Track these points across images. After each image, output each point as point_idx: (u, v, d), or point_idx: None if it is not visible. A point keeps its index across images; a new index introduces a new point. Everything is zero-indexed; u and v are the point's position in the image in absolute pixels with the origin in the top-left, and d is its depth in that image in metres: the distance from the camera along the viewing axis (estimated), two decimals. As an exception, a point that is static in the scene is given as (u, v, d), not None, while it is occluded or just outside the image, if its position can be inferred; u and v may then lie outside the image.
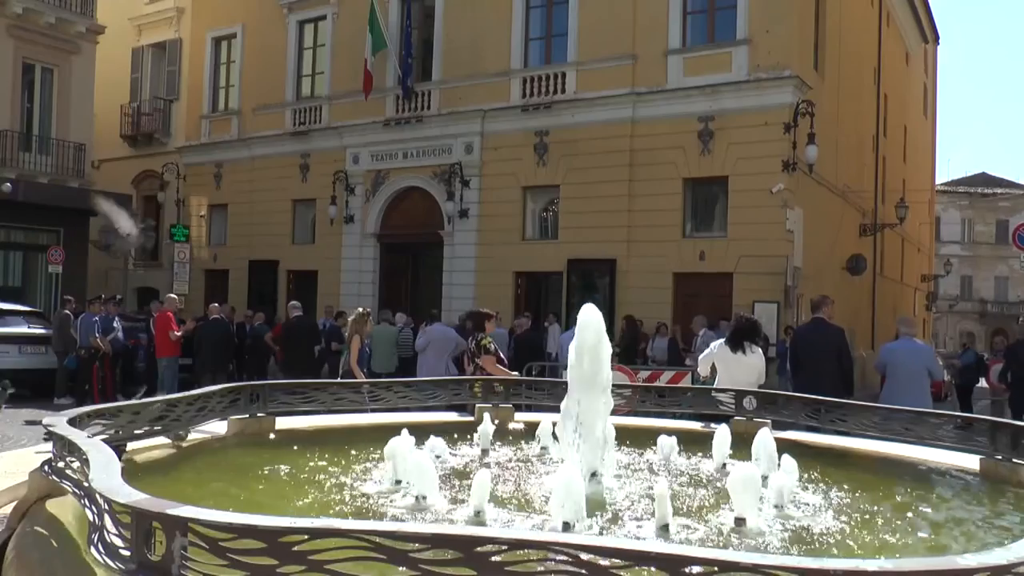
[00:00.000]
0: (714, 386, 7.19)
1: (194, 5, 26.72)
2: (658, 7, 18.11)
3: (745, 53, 17.14)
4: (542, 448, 5.01)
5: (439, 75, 21.20)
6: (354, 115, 22.31)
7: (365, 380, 7.52)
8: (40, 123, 22.73)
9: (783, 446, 4.61)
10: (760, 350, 8.04)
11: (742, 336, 7.82)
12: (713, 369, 7.97)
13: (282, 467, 4.36)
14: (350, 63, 22.29)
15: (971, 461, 4.75)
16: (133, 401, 4.19)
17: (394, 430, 4.21)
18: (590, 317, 4.13)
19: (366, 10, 21.40)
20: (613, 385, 4.40)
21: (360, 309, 10.40)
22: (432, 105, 21.13)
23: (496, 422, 5.34)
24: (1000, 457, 4.51)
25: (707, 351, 8.26)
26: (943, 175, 53.52)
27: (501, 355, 8.63)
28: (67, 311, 15.66)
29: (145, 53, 28.33)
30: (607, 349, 4.18)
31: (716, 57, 17.53)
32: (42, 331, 15.93)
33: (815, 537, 3.37)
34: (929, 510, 4.02)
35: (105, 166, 27.11)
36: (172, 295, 16.86)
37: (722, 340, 8.10)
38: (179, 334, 14.86)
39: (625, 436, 4.88)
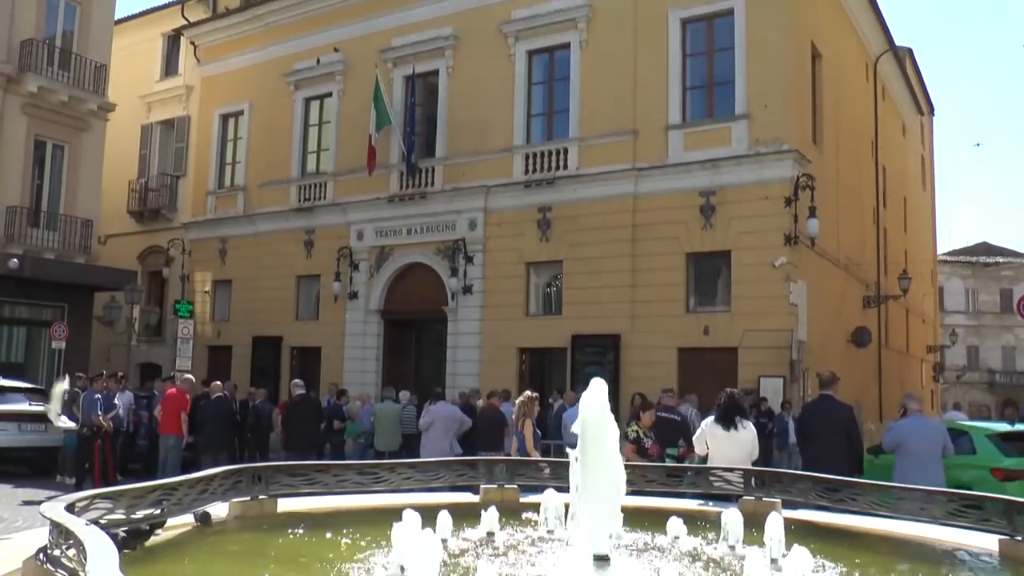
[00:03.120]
0: (710, 465, 7.10)
1: (203, 83, 27.31)
2: (658, 83, 18.46)
3: (744, 128, 17.40)
4: (548, 531, 4.91)
5: (443, 151, 21.51)
6: (358, 191, 22.57)
7: (543, 459, 7.26)
8: (49, 199, 22.99)
9: (794, 526, 4.51)
10: (752, 425, 8.01)
11: (733, 412, 7.79)
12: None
13: (285, 553, 4.27)
14: (355, 140, 22.65)
15: (990, 542, 4.64)
16: (134, 485, 4.13)
17: (398, 512, 4.13)
18: (595, 394, 4.08)
19: (371, 87, 21.84)
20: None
21: (528, 392, 10.81)
22: (436, 181, 21.39)
23: (502, 502, 5.24)
24: (1020, 539, 4.40)
25: (699, 431, 8.19)
26: (944, 245, 53.75)
27: (647, 444, 8.80)
28: (76, 388, 15.57)
29: (154, 130, 28.87)
30: (613, 428, 4.11)
31: (716, 132, 17.79)
32: (43, 408, 15.82)
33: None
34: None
35: (111, 241, 27.33)
36: (188, 375, 16.79)
37: (712, 418, 8.04)
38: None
39: (631, 516, 4.78)
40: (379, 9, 22.99)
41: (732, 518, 4.70)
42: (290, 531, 4.80)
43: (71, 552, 2.76)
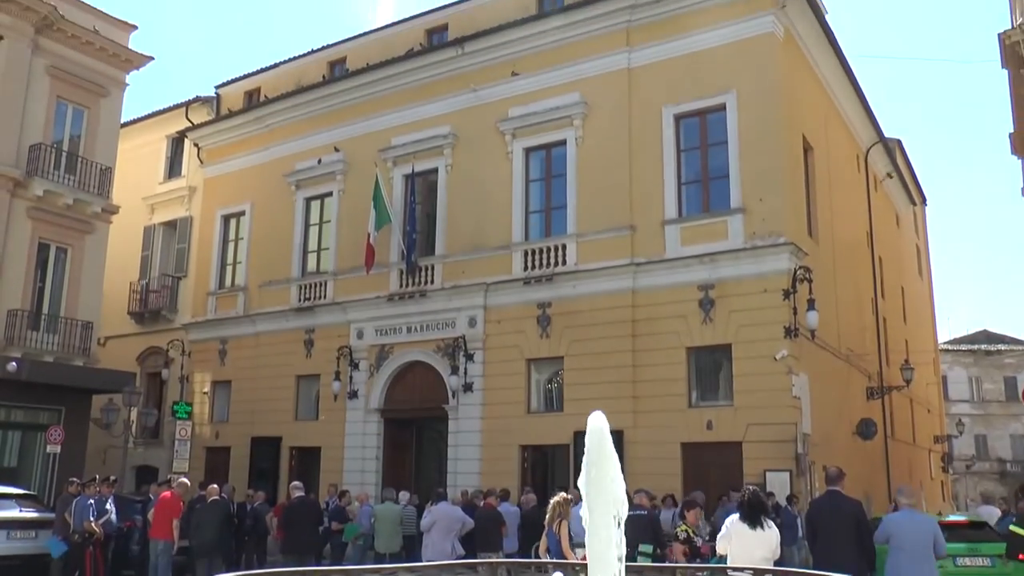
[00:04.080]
0: (728, 565, 6.93)
1: (206, 184, 27.74)
2: (653, 178, 18.73)
3: (740, 221, 17.57)
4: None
5: (442, 249, 21.68)
6: (358, 290, 22.67)
7: (579, 561, 7.04)
8: (50, 302, 23.00)
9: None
10: (774, 524, 7.87)
11: (758, 511, 7.67)
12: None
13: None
14: (355, 239, 22.86)
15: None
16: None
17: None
18: (597, 423, 4.06)
19: (371, 187, 22.17)
20: (628, 566, 4.24)
21: (563, 494, 10.78)
22: (435, 279, 21.49)
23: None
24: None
25: (723, 530, 8.02)
26: (944, 334, 53.66)
27: (699, 544, 8.71)
28: (69, 492, 15.29)
29: (156, 231, 29.18)
30: (614, 459, 4.05)
31: (712, 226, 17.96)
32: (34, 515, 15.49)
33: None
34: None
35: (111, 343, 27.29)
36: (184, 479, 16.53)
37: (736, 516, 7.89)
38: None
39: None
40: (378, 109, 23.54)
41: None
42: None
43: None
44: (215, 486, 15.81)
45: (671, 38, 19.06)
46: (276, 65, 27.22)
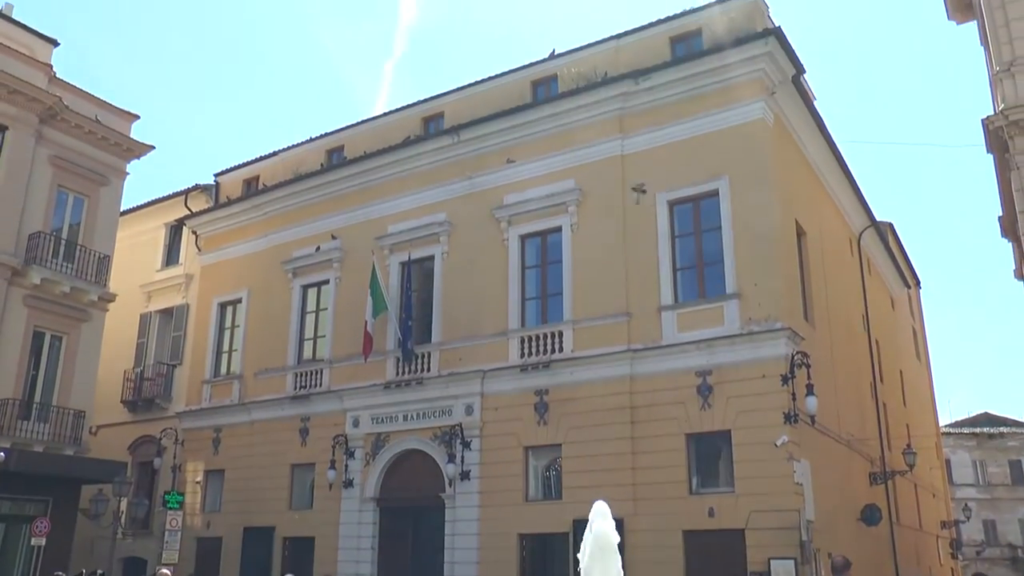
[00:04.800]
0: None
1: (203, 271, 27.83)
2: (648, 264, 18.81)
3: (736, 307, 17.57)
4: None
5: (438, 336, 21.62)
6: (355, 378, 22.53)
7: None
8: (43, 390, 22.78)
9: None
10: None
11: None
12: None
13: None
14: (351, 326, 22.83)
15: None
16: None
17: None
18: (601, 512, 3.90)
19: (368, 274, 22.26)
20: None
21: None
22: (432, 367, 21.37)
23: None
24: None
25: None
26: (945, 417, 53.25)
27: None
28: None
29: (153, 318, 29.14)
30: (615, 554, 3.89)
31: (708, 312, 17.94)
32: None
33: None
34: None
35: (103, 432, 26.95)
36: (165, 571, 16.08)
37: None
38: None
39: None
40: (375, 197, 23.80)
41: None
42: None
43: None
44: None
45: (663, 125, 19.41)
46: (275, 153, 27.64)
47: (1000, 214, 19.48)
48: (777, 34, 18.17)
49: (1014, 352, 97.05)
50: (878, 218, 28.78)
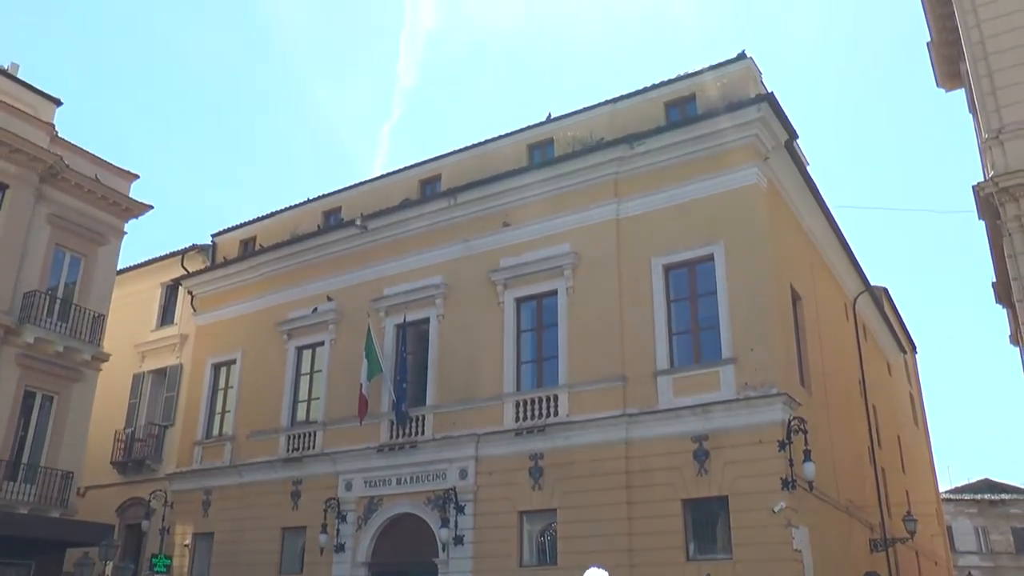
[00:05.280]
0: None
1: (198, 332, 27.73)
2: (644, 329, 18.79)
3: (732, 372, 17.49)
4: None
5: (433, 399, 21.47)
6: (348, 441, 22.31)
7: None
8: (31, 451, 22.46)
9: None
10: None
11: None
12: None
13: None
14: (345, 388, 22.70)
15: None
16: None
17: None
18: None
19: (363, 336, 22.21)
20: None
21: None
22: (426, 430, 21.18)
23: None
24: None
25: None
26: (945, 483, 52.71)
27: None
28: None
29: (146, 379, 28.96)
30: None
31: (704, 377, 17.85)
32: None
33: None
34: None
35: (91, 493, 26.57)
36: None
37: None
38: None
39: None
40: (371, 259, 23.88)
41: None
42: None
43: None
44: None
45: (658, 189, 19.58)
46: (272, 214, 27.81)
47: (994, 280, 19.55)
48: (770, 100, 18.45)
49: (1013, 417, 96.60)
50: (872, 283, 28.88)
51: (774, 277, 18.19)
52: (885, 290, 33.40)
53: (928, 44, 20.33)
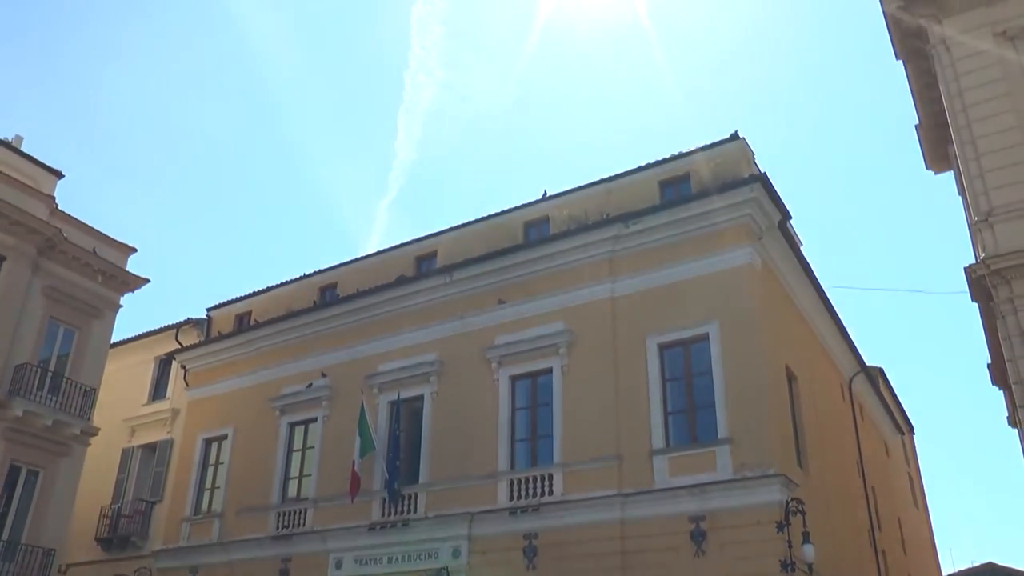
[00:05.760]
0: None
1: (190, 406, 27.47)
2: (639, 408, 18.67)
3: (728, 452, 17.32)
4: None
5: (426, 477, 21.19)
6: (339, 519, 21.92)
7: None
8: (13, 527, 21.99)
9: None
10: None
11: None
12: None
13: None
14: (337, 465, 22.43)
15: None
16: None
17: None
18: None
19: (356, 413, 22.02)
20: None
21: None
22: (418, 508, 20.85)
23: None
24: None
25: None
26: (948, 566, 51.64)
27: None
28: None
29: (135, 453, 28.56)
30: None
31: (700, 457, 17.66)
32: None
33: None
34: None
35: (73, 571, 25.92)
36: None
37: None
38: None
39: None
40: (366, 336, 23.84)
41: None
42: None
43: None
44: None
45: (653, 268, 19.69)
46: (268, 289, 27.86)
47: (989, 361, 19.52)
48: (763, 180, 18.71)
49: (1014, 500, 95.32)
50: (868, 363, 28.84)
51: (769, 357, 18.17)
52: (881, 370, 33.31)
53: (916, 127, 20.71)
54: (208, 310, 29.24)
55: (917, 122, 20.56)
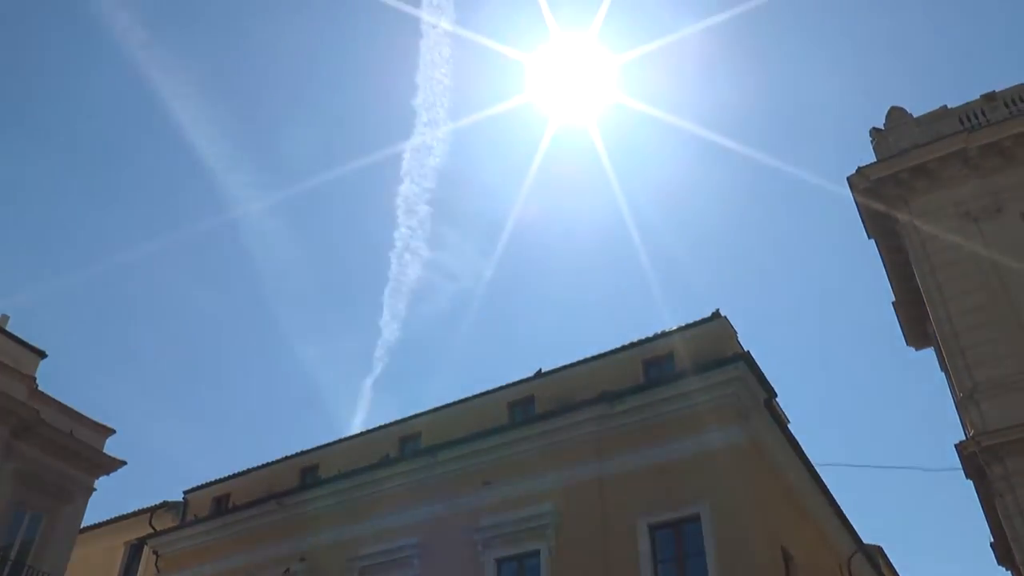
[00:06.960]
0: None
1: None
2: (628, 553, 18.02)
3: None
4: None
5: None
6: None
7: None
8: None
9: None
10: None
11: None
12: None
13: None
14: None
15: None
16: None
17: None
18: None
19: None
20: None
21: None
22: None
23: None
24: None
25: None
26: None
27: None
28: None
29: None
30: None
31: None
32: None
33: None
34: None
35: None
36: None
37: None
38: None
39: None
40: (348, 519, 23.06)
41: None
42: None
43: None
44: None
45: (640, 448, 19.37)
46: (248, 471, 27.20)
47: (991, 540, 18.97)
48: (747, 359, 18.76)
49: None
50: (866, 542, 27.92)
51: (763, 538, 17.60)
52: (880, 549, 32.24)
53: (893, 304, 21.10)
54: (185, 492, 28.40)
55: (893, 299, 20.97)
